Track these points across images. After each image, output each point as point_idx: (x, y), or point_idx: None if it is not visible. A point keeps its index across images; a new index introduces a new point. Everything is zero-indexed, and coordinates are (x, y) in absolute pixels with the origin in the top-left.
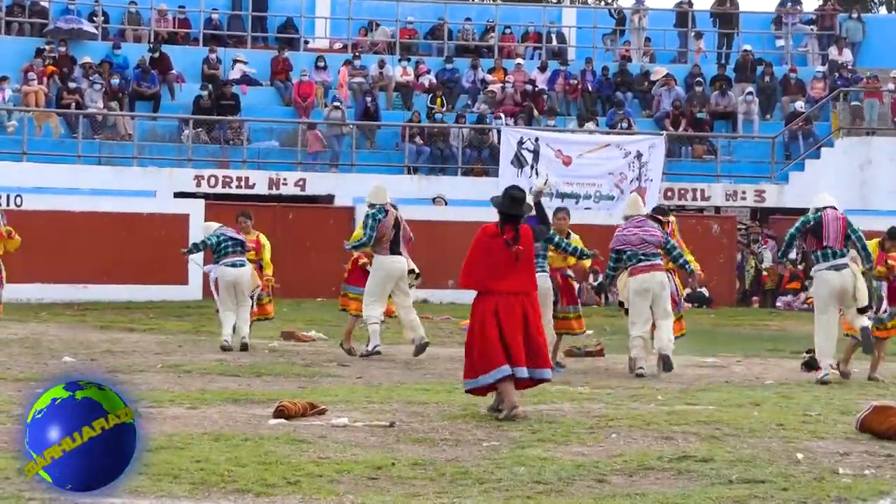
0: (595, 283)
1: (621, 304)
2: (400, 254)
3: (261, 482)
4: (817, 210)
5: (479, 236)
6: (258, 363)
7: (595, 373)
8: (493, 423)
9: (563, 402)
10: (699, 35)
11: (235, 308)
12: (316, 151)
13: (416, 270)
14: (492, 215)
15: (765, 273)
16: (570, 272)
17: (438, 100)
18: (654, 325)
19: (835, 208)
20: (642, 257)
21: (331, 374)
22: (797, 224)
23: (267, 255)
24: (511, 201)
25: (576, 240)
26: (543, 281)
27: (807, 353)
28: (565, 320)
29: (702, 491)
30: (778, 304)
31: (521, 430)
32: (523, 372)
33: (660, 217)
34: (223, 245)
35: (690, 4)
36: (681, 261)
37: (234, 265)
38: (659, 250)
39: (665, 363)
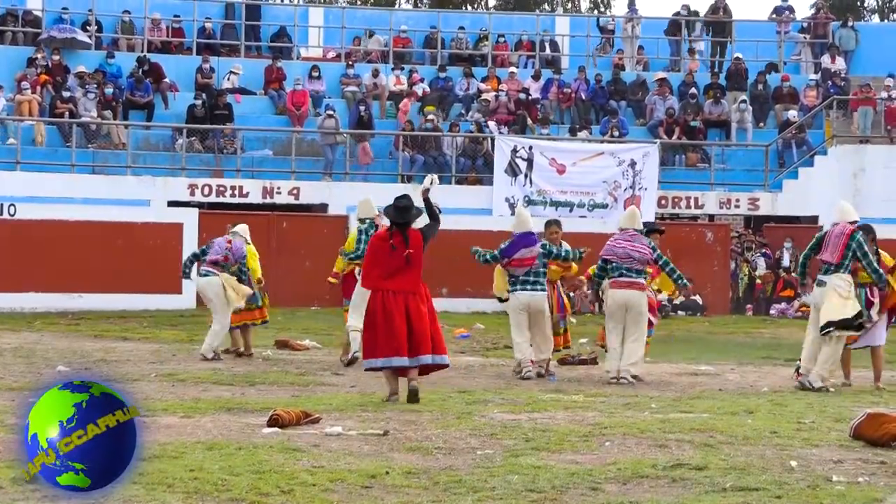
0: (590, 291)
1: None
2: None
3: (255, 491)
4: (833, 224)
5: (373, 241)
6: (252, 372)
7: (589, 381)
8: (487, 431)
9: (556, 410)
10: (692, 51)
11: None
12: (366, 164)
13: None
14: (486, 224)
15: (758, 281)
16: (559, 286)
17: (431, 106)
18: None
19: (855, 222)
20: (625, 272)
21: (325, 383)
22: (811, 243)
23: (253, 262)
24: (396, 210)
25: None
26: (541, 299)
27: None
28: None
29: (696, 499)
30: (772, 311)
31: (515, 438)
32: (404, 361)
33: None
34: (205, 252)
35: (691, 13)
36: (674, 276)
37: (200, 274)
38: (645, 267)
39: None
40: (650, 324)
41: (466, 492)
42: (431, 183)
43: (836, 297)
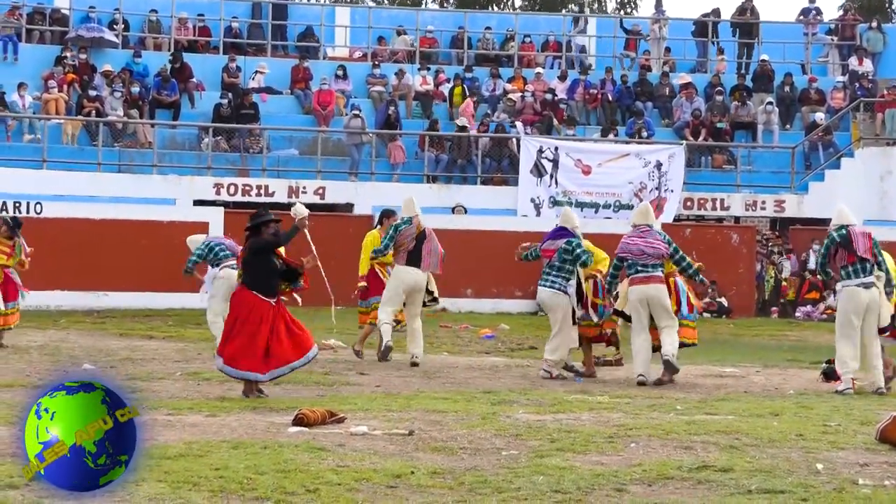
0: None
1: (619, 313)
2: (418, 266)
3: (280, 490)
4: (841, 227)
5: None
6: None
7: (614, 382)
8: (512, 432)
9: (581, 411)
10: (721, 50)
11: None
12: (398, 163)
13: (435, 293)
14: (511, 225)
15: (784, 283)
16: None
17: (459, 88)
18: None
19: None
20: (640, 268)
21: (350, 383)
22: (823, 250)
23: None
24: (250, 220)
25: (585, 243)
26: (552, 296)
27: (826, 363)
28: (587, 328)
29: (721, 501)
30: (797, 314)
31: (540, 439)
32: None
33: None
34: (217, 251)
35: (718, 14)
36: (690, 271)
37: (234, 268)
38: (660, 261)
39: (668, 367)
40: (690, 307)
41: (491, 492)
42: (295, 211)
43: (884, 296)
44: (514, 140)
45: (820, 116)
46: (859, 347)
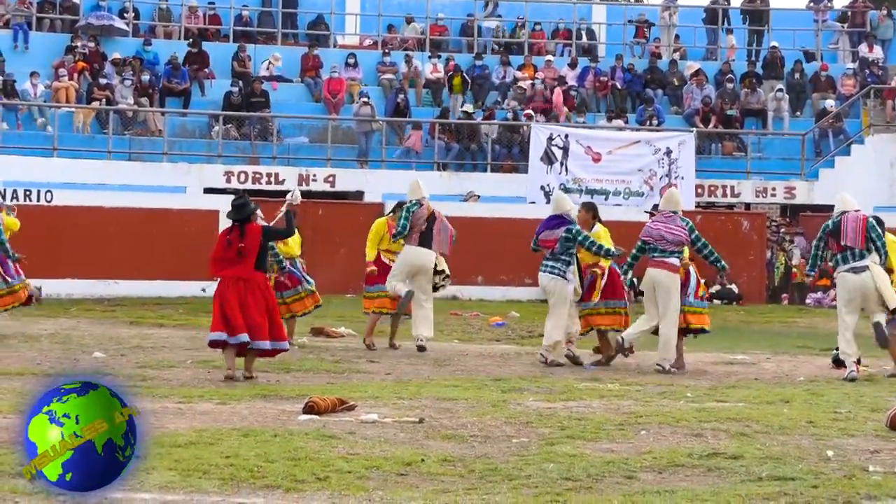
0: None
1: (641, 292)
2: (429, 247)
3: (290, 478)
4: (838, 214)
5: (219, 235)
6: (287, 359)
7: (624, 369)
8: (523, 419)
9: (592, 398)
10: (730, 31)
11: None
12: (418, 151)
13: (446, 272)
14: (522, 212)
15: (794, 270)
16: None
17: (458, 78)
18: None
19: (857, 210)
20: (658, 253)
21: (360, 371)
22: (819, 235)
23: (295, 249)
24: (232, 209)
25: (603, 231)
26: (550, 280)
27: (837, 349)
28: (598, 315)
29: (731, 488)
30: (808, 300)
31: (551, 426)
32: (241, 339)
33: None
34: None
35: (728, 1)
36: (712, 258)
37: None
38: (678, 248)
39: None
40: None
41: (502, 480)
42: (293, 196)
43: (886, 278)
44: (524, 128)
45: (830, 103)
46: (854, 334)
